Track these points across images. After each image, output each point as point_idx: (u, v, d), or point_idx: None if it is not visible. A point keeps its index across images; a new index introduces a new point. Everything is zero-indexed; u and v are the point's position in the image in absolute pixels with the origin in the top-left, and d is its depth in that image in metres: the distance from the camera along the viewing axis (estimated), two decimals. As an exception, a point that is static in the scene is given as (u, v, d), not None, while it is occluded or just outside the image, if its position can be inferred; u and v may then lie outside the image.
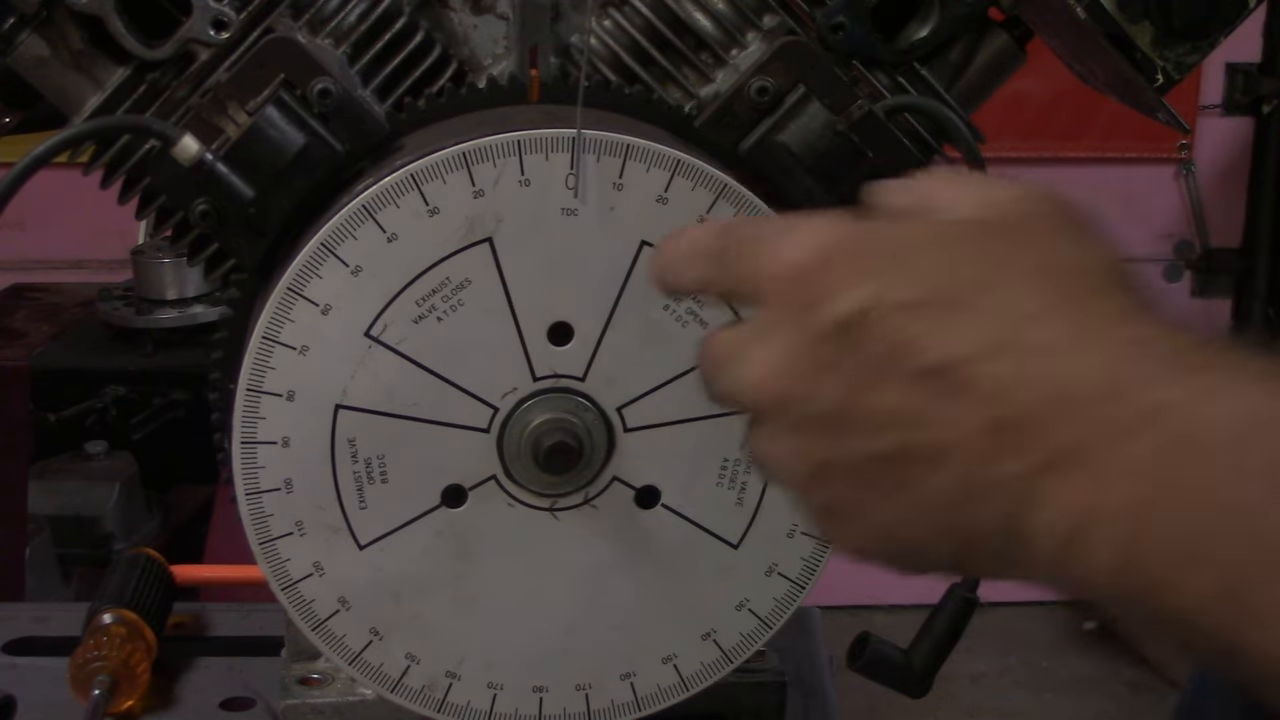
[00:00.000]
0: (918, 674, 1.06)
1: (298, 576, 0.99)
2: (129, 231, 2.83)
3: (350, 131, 0.99)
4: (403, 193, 0.94)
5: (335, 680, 1.12)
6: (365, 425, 0.97)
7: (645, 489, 1.01)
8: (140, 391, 2.50)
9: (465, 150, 0.94)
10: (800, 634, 1.37)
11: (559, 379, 0.99)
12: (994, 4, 1.05)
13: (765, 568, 1.03)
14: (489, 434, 0.99)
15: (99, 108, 1.03)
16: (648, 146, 0.96)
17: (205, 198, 0.99)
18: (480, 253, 0.96)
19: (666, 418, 1.00)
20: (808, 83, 1.02)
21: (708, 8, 1.05)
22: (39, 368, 2.52)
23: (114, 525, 2.47)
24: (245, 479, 0.97)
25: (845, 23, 1.03)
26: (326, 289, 0.95)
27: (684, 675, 1.04)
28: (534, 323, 0.98)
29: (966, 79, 1.07)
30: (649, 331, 0.98)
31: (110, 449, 2.51)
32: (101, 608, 1.24)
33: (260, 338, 0.95)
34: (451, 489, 1.00)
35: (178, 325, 2.55)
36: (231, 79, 0.99)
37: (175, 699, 1.27)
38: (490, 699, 1.03)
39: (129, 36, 1.01)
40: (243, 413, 0.96)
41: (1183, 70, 1.02)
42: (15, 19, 1.01)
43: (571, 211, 0.96)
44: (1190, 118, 3.85)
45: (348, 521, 0.99)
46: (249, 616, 1.40)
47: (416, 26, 1.04)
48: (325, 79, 0.98)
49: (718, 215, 0.97)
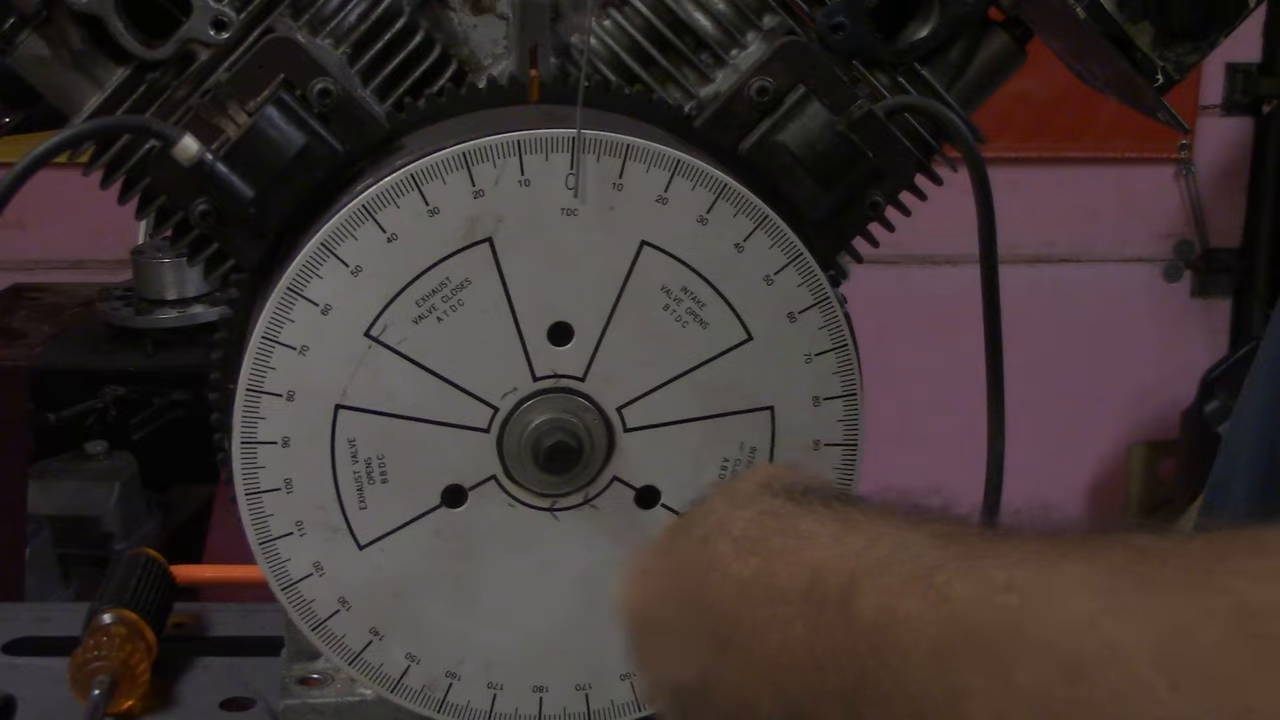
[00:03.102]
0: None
1: (298, 576, 0.99)
2: (129, 231, 2.83)
3: (350, 131, 0.99)
4: (403, 193, 0.94)
5: (335, 680, 1.12)
6: (365, 425, 0.97)
7: (645, 489, 1.01)
8: (140, 391, 2.50)
9: (465, 150, 0.94)
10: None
11: (559, 379, 0.99)
12: (994, 4, 1.05)
13: (765, 568, 1.03)
14: (489, 434, 0.99)
15: (99, 108, 1.03)
16: (648, 146, 0.96)
17: (205, 198, 0.99)
18: (480, 253, 0.96)
19: (666, 418, 1.00)
20: (808, 83, 1.02)
21: (708, 8, 1.05)
22: (39, 368, 2.52)
23: (114, 525, 2.47)
24: (245, 479, 0.97)
25: (845, 23, 1.03)
26: (326, 289, 0.95)
27: (684, 675, 1.04)
28: (534, 323, 0.98)
29: (966, 79, 1.07)
30: (649, 331, 0.98)
31: (110, 449, 2.51)
32: (101, 608, 1.24)
33: (260, 338, 0.95)
34: (451, 489, 1.00)
35: (178, 325, 2.55)
36: (231, 79, 0.99)
37: (175, 699, 1.27)
38: (490, 699, 1.03)
39: (129, 36, 1.01)
40: (243, 413, 0.96)
41: (1183, 70, 1.02)
42: (15, 19, 1.01)
43: (571, 211, 0.96)
44: (1190, 118, 3.85)
45: (348, 521, 0.99)
46: (249, 616, 1.40)
47: (416, 26, 1.04)
48: (325, 79, 0.98)
49: (718, 215, 0.97)
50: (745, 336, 0.99)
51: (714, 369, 0.99)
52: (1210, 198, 4.02)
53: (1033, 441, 3.68)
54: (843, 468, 1.02)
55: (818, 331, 1.00)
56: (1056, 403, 3.99)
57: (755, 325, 0.99)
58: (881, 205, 1.05)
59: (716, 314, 0.99)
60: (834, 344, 1.00)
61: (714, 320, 0.99)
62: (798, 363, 1.00)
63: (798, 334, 0.99)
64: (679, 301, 0.98)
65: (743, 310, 0.99)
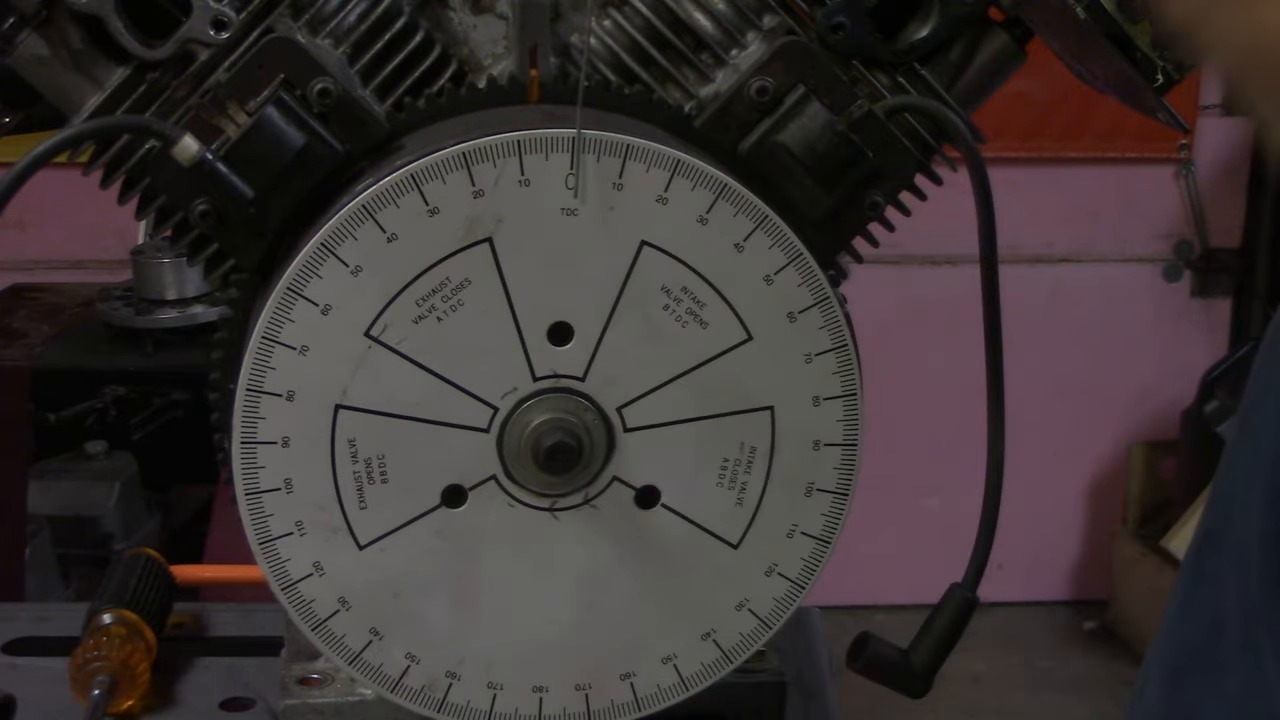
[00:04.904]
0: (918, 674, 1.06)
1: (298, 576, 0.99)
2: (129, 231, 2.84)
3: (350, 131, 0.99)
4: (403, 193, 0.94)
5: (335, 680, 1.12)
6: (365, 425, 0.97)
7: (645, 489, 1.02)
8: (140, 391, 2.51)
9: (465, 150, 0.94)
10: (800, 634, 1.38)
11: (559, 379, 0.99)
12: (994, 4, 1.05)
13: (765, 568, 1.03)
14: (489, 434, 0.99)
15: (99, 108, 1.03)
16: (648, 146, 0.96)
17: (205, 198, 0.99)
18: (480, 253, 0.96)
19: (666, 418, 1.00)
20: (808, 83, 1.02)
21: (708, 8, 1.05)
22: (39, 368, 2.52)
23: (114, 525, 2.48)
24: (245, 479, 0.97)
25: (845, 23, 1.03)
26: (326, 289, 0.95)
27: (684, 675, 1.04)
28: (534, 323, 0.98)
29: (966, 79, 1.07)
30: (649, 331, 0.98)
31: (110, 449, 2.51)
32: (101, 608, 1.24)
33: (260, 338, 0.95)
34: (451, 489, 1.00)
35: (178, 325, 2.56)
36: (231, 79, 0.99)
37: (175, 699, 1.27)
38: (490, 699, 1.03)
39: (129, 36, 1.01)
40: (243, 413, 0.96)
41: (1183, 70, 1.02)
42: (15, 19, 1.01)
43: (571, 211, 0.96)
44: (1190, 118, 3.85)
45: (348, 521, 0.99)
46: (249, 616, 1.40)
47: (416, 26, 1.04)
48: (325, 79, 0.98)
49: (718, 215, 0.97)
50: (745, 336, 0.99)
51: (714, 369, 0.99)
52: (1210, 198, 4.02)
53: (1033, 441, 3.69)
54: (842, 468, 1.02)
55: (818, 331, 1.00)
56: (1056, 403, 4.00)
57: (755, 325, 0.99)
58: (881, 205, 1.05)
59: (716, 314, 0.99)
60: (834, 344, 1.00)
61: (714, 320, 0.99)
62: (798, 363, 1.00)
63: (798, 334, 0.99)
64: (679, 301, 0.98)
65: (742, 310, 0.99)
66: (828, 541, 1.03)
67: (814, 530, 1.03)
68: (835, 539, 1.03)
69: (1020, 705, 3.75)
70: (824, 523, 1.03)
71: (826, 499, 1.02)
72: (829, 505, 1.02)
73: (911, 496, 4.01)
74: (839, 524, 1.03)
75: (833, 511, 1.03)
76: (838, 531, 1.03)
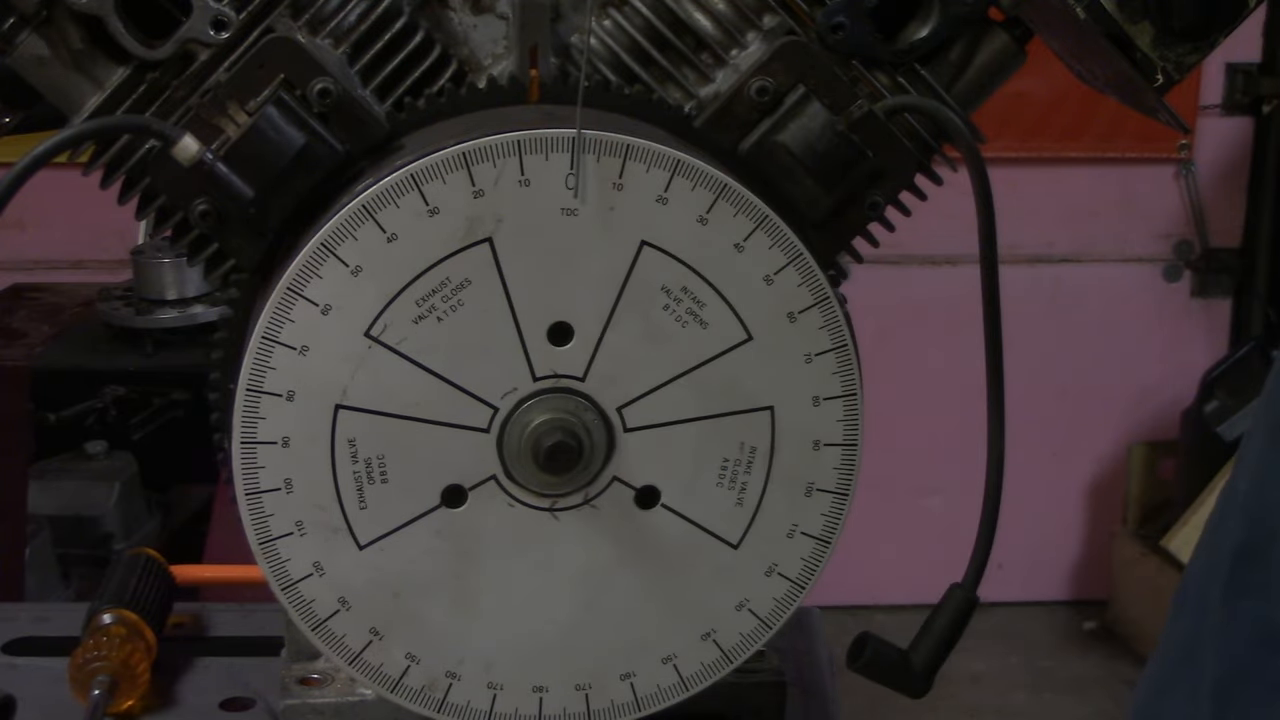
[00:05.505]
0: (918, 674, 1.06)
1: (298, 576, 0.99)
2: (129, 231, 2.84)
3: (350, 131, 0.99)
4: (403, 193, 0.95)
5: (335, 680, 1.12)
6: (365, 425, 0.97)
7: (645, 489, 1.02)
8: (140, 391, 2.51)
9: (465, 150, 0.94)
10: (800, 634, 1.37)
11: (559, 379, 0.99)
12: (994, 4, 1.05)
13: (765, 568, 1.03)
14: (489, 434, 0.99)
15: (99, 108, 1.03)
16: (648, 146, 0.96)
17: (205, 198, 0.99)
18: (480, 253, 0.96)
19: (666, 418, 1.00)
20: (808, 83, 1.02)
21: (708, 8, 1.05)
22: (39, 368, 2.52)
23: (114, 525, 2.48)
24: (245, 479, 0.97)
25: (845, 23, 1.03)
26: (326, 289, 0.95)
27: (684, 675, 1.05)
28: (534, 323, 0.98)
29: (966, 79, 1.07)
30: (649, 331, 0.98)
31: (110, 449, 2.51)
32: (101, 608, 1.24)
33: (260, 338, 0.95)
34: (451, 489, 1.00)
35: (178, 325, 2.56)
36: (231, 79, 0.99)
37: (175, 699, 1.27)
38: (490, 699, 1.03)
39: (129, 36, 1.01)
40: (243, 413, 0.96)
41: (1183, 70, 1.02)
42: (15, 19, 1.01)
43: (571, 211, 0.96)
44: (1190, 118, 3.85)
45: (348, 521, 0.99)
46: (249, 616, 1.40)
47: (416, 26, 1.04)
48: (325, 79, 0.98)
49: (718, 215, 0.97)
50: (745, 336, 0.99)
51: (714, 369, 1.00)
52: (1210, 198, 4.02)
53: (1033, 441, 3.70)
54: (842, 468, 1.02)
55: (818, 331, 1.00)
56: (1056, 403, 4.00)
57: (755, 325, 0.99)
58: (881, 205, 1.06)
59: (716, 314, 0.99)
60: (834, 344, 1.00)
61: (714, 320, 0.99)
62: (797, 363, 1.00)
63: (798, 334, 1.00)
64: (679, 301, 0.98)
65: (742, 310, 0.99)
66: (828, 541, 1.03)
67: (814, 530, 1.03)
68: (835, 539, 1.03)
69: (1020, 705, 3.75)
70: (824, 523, 1.03)
71: (826, 499, 1.02)
72: (829, 505, 1.03)
73: (911, 496, 4.01)
74: (839, 524, 1.03)
75: (833, 511, 1.03)
76: (838, 531, 1.03)
